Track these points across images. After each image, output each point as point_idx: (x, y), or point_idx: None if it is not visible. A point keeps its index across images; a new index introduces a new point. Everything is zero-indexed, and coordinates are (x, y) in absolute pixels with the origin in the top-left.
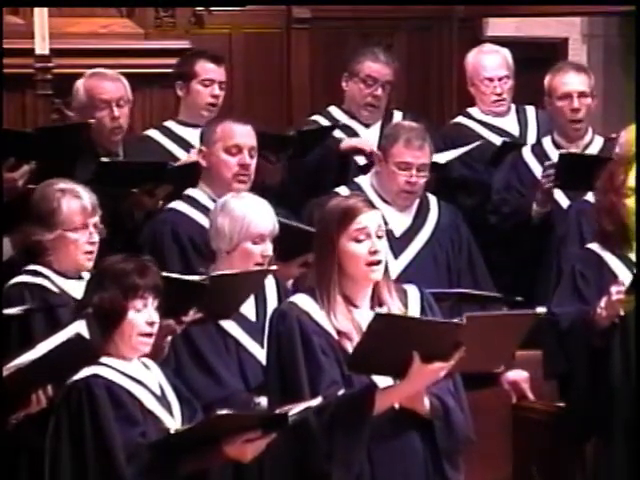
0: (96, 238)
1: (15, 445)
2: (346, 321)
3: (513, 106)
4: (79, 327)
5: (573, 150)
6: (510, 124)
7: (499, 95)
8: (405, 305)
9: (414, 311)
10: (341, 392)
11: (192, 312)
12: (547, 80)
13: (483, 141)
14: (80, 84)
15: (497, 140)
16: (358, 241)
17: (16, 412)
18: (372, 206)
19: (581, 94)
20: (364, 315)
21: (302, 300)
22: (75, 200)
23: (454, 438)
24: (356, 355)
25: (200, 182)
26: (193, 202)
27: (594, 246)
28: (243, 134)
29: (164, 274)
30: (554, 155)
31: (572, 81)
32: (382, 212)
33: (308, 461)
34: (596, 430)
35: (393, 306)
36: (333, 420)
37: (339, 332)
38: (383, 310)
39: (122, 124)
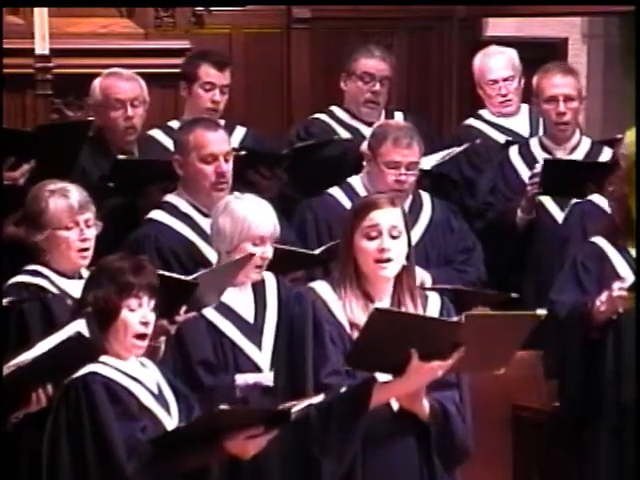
0: (88, 235)
1: (15, 445)
2: (361, 315)
3: (526, 106)
4: (79, 326)
5: (560, 152)
6: (521, 124)
7: (504, 96)
8: (424, 310)
9: None
10: (343, 382)
11: (183, 311)
12: (535, 81)
13: (469, 144)
14: (96, 83)
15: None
16: (369, 238)
17: (16, 411)
18: (392, 203)
19: (567, 97)
20: None
21: (321, 287)
22: (62, 199)
23: (452, 447)
24: (355, 350)
25: (179, 188)
26: (173, 210)
27: (598, 240)
28: (216, 141)
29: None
30: (541, 157)
31: (558, 84)
32: (401, 211)
33: (304, 448)
34: (587, 422)
35: (412, 309)
36: (329, 408)
37: (352, 325)
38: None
39: (136, 124)
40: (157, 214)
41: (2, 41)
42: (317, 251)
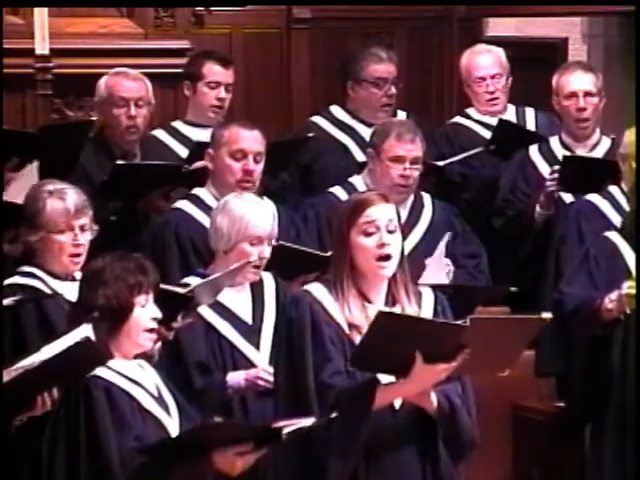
0: (82, 240)
1: (17, 447)
2: (359, 315)
3: (513, 107)
4: (86, 331)
5: (580, 150)
6: None
7: (492, 93)
8: (419, 306)
9: (427, 313)
10: (346, 382)
11: (180, 318)
12: (555, 79)
13: (483, 149)
14: (103, 81)
15: None
16: (367, 234)
17: (21, 414)
18: (385, 200)
19: (587, 93)
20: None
21: (316, 289)
22: (59, 202)
23: (459, 439)
24: (359, 352)
25: (208, 182)
26: (198, 202)
27: (612, 234)
28: (249, 139)
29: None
30: (562, 155)
31: (578, 80)
32: (395, 207)
33: (308, 449)
34: (591, 419)
35: (407, 306)
36: (333, 409)
37: (350, 325)
38: (396, 309)
39: (138, 124)
40: (182, 204)
41: (2, 41)
42: (329, 253)
